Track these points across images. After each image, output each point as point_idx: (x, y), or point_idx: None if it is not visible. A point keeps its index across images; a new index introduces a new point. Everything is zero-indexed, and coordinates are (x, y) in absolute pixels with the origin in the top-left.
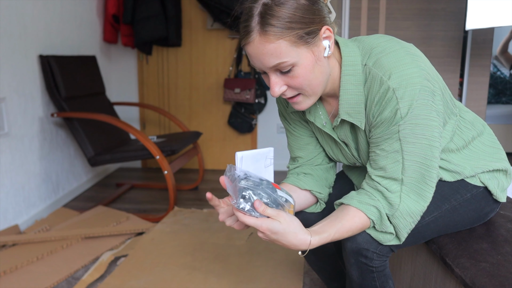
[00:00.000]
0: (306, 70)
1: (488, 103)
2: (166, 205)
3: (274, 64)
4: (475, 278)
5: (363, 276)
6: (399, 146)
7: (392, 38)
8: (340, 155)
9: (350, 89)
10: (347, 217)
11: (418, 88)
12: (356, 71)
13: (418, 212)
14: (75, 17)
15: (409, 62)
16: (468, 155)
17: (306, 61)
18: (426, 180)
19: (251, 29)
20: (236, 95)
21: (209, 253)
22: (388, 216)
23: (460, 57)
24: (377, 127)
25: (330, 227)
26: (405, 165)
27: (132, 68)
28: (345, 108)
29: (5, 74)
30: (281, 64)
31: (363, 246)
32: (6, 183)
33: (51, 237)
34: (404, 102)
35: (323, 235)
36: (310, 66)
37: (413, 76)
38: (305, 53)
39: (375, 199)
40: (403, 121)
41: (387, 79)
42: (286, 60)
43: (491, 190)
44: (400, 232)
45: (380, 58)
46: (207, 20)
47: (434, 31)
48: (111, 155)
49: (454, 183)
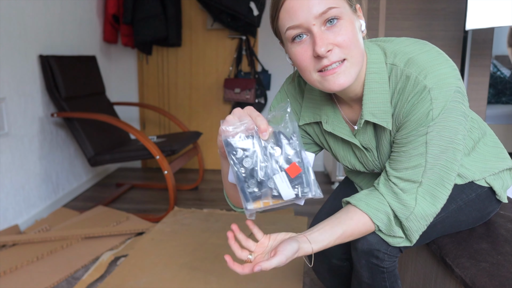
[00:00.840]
0: (352, 27)
1: (488, 103)
2: (166, 205)
3: (323, 9)
4: (475, 278)
5: (374, 277)
6: (424, 148)
7: (419, 40)
8: (357, 163)
9: (376, 88)
10: (350, 222)
11: (453, 89)
12: (380, 69)
13: (432, 214)
14: (75, 17)
15: (443, 62)
16: (476, 158)
17: (351, 19)
18: (445, 182)
19: None
20: (236, 95)
21: (209, 253)
22: (400, 219)
23: (460, 57)
24: (405, 128)
25: (330, 234)
26: (427, 168)
27: (132, 68)
28: (370, 108)
29: (5, 74)
30: (331, 9)
31: (375, 247)
32: (6, 183)
33: (51, 237)
34: (438, 103)
35: (321, 244)
36: (354, 26)
37: (448, 76)
38: (348, 12)
39: (384, 204)
40: (433, 122)
41: (423, 78)
42: (336, 6)
43: (496, 191)
44: (412, 235)
45: (413, 57)
46: (207, 20)
47: (434, 31)
48: (111, 155)
49: (460, 184)
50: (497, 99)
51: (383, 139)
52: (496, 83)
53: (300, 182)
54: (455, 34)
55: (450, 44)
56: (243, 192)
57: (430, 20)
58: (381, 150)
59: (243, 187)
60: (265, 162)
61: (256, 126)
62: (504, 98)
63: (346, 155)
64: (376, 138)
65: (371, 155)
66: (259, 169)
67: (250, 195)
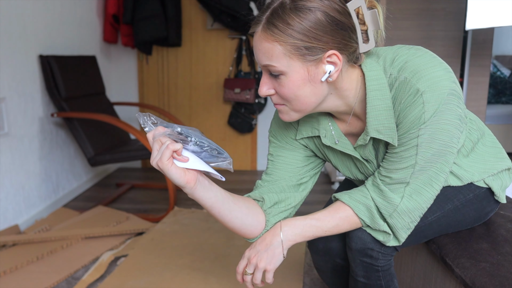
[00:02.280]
0: (293, 84)
1: (488, 103)
2: (166, 205)
3: (264, 63)
4: (475, 278)
5: (369, 276)
6: (415, 151)
7: (414, 45)
8: (359, 174)
9: (378, 105)
10: (336, 214)
11: (446, 92)
12: (381, 85)
13: (414, 210)
14: (75, 17)
15: (437, 65)
16: (475, 158)
17: (296, 75)
18: (432, 183)
19: (259, 20)
20: (236, 95)
21: (209, 253)
22: (385, 216)
23: (460, 57)
24: (399, 130)
25: (321, 223)
26: (416, 170)
27: (132, 68)
28: (374, 125)
29: (5, 74)
30: (270, 66)
31: (368, 246)
32: (6, 183)
33: (51, 237)
34: (430, 106)
35: (302, 235)
36: (300, 82)
37: (442, 79)
38: (298, 67)
39: (367, 198)
40: (425, 125)
41: (416, 81)
42: (275, 65)
43: (495, 191)
44: (398, 233)
45: (406, 62)
46: (207, 20)
47: (434, 31)
48: (111, 155)
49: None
50: (497, 99)
51: (381, 149)
52: (496, 83)
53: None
54: (455, 34)
55: (450, 44)
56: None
57: (430, 20)
58: (380, 159)
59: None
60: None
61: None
62: (504, 98)
63: (347, 167)
64: (375, 148)
65: (371, 165)
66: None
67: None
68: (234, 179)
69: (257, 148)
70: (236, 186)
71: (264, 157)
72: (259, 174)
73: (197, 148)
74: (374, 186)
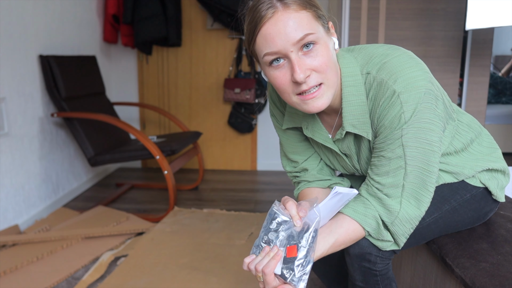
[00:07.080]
0: (327, 51)
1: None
2: (166, 205)
3: (300, 36)
4: (475, 278)
5: (367, 280)
6: (402, 151)
7: (392, 45)
8: (338, 165)
9: (353, 100)
10: (341, 230)
11: (423, 92)
12: (356, 82)
13: (417, 218)
14: (75, 17)
15: (413, 65)
16: (467, 157)
17: (326, 42)
18: (427, 186)
19: (272, 5)
20: (236, 95)
21: (209, 253)
22: (386, 223)
23: (460, 57)
24: (381, 133)
25: (323, 245)
26: (407, 171)
27: (132, 68)
28: (350, 120)
29: (5, 74)
30: (308, 35)
31: (366, 251)
32: (6, 183)
33: (51, 237)
34: (409, 106)
35: (315, 255)
36: (329, 49)
37: (418, 79)
38: (324, 34)
39: (371, 208)
40: (407, 125)
41: (393, 83)
42: (312, 31)
43: (492, 191)
44: (399, 239)
45: (385, 63)
46: (207, 20)
47: (434, 31)
48: (111, 155)
49: (454, 184)
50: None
51: (363, 146)
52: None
53: (290, 267)
54: (455, 34)
55: (450, 44)
56: None
57: (430, 20)
58: (361, 156)
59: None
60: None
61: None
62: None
63: (328, 159)
64: (357, 145)
65: (350, 160)
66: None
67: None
68: (234, 179)
69: (257, 148)
70: (236, 186)
71: (264, 157)
72: (259, 174)
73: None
74: (371, 194)
